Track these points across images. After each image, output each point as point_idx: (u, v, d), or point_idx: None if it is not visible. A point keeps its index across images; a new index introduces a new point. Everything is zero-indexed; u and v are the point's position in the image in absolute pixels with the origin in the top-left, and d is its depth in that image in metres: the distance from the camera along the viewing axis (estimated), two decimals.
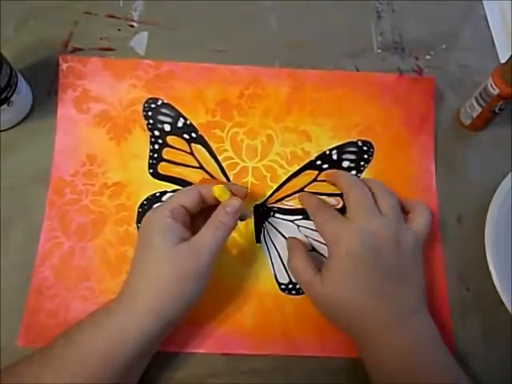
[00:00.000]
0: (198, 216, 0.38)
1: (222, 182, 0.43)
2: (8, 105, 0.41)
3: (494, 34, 0.52)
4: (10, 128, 0.43)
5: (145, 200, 0.42)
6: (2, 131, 0.43)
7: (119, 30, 0.48)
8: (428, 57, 0.50)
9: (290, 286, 0.41)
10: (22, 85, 0.43)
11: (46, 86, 0.45)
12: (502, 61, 0.48)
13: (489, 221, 0.42)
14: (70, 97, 0.45)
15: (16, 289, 0.39)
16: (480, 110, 0.44)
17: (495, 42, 0.51)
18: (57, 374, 0.30)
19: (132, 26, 0.48)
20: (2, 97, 0.40)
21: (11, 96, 0.41)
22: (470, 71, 0.50)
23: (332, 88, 0.46)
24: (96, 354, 0.31)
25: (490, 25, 0.52)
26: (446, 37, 0.51)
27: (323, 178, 0.44)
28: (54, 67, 0.45)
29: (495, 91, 0.41)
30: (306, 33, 0.49)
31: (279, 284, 0.41)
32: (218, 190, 0.36)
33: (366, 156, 0.45)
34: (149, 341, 0.32)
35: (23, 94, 0.43)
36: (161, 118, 0.45)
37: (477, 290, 0.42)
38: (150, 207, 0.42)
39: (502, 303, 0.40)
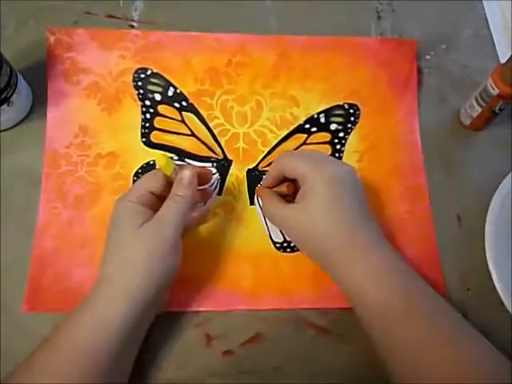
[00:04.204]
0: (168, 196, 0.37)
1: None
2: (8, 105, 0.41)
3: (493, 34, 0.52)
4: (9, 128, 0.43)
5: (139, 168, 0.43)
6: (1, 131, 0.43)
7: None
8: (428, 57, 0.50)
9: (285, 245, 0.42)
10: (22, 85, 0.43)
11: (46, 85, 0.45)
12: (502, 61, 0.48)
13: (489, 221, 0.42)
14: (59, 69, 0.45)
15: (16, 287, 0.39)
16: (480, 110, 0.44)
17: (495, 42, 0.51)
18: (44, 380, 0.30)
19: (132, 26, 0.48)
20: (2, 97, 0.40)
21: (11, 96, 0.41)
22: (469, 71, 0.50)
23: (318, 53, 0.48)
24: (81, 353, 0.31)
25: (490, 25, 0.52)
26: (446, 37, 0.51)
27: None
28: None
29: (495, 91, 0.41)
30: (306, 33, 0.49)
31: (274, 243, 0.42)
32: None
33: (352, 118, 0.46)
34: (129, 328, 0.32)
35: (23, 94, 0.43)
36: (151, 87, 0.45)
37: (477, 290, 0.42)
38: None
39: (502, 303, 0.40)
